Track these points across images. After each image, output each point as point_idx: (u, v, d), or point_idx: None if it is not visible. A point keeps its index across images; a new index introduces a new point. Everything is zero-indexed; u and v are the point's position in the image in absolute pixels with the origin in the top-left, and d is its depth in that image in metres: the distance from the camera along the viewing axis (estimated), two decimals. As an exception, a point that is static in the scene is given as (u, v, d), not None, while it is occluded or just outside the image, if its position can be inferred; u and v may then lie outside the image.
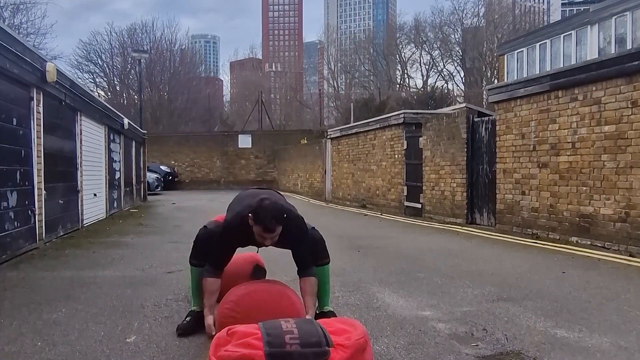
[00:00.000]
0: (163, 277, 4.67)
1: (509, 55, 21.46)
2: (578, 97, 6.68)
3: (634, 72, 5.86)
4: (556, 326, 3.17)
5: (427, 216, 10.52)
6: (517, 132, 7.82)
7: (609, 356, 2.67)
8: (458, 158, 9.43)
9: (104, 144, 10.75)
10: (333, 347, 1.63)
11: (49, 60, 6.87)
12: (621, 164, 6.05)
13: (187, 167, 25.99)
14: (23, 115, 6.13)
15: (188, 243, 6.72)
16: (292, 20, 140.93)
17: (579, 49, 17.73)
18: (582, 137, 6.62)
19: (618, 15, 16.25)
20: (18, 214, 5.83)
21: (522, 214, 7.72)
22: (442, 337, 2.99)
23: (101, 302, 3.77)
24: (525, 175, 7.65)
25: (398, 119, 11.73)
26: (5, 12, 21.45)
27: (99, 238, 7.51)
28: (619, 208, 6.07)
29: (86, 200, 9.03)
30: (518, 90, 7.79)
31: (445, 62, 42.55)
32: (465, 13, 43.09)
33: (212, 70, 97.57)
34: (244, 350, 1.61)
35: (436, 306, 3.66)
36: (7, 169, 5.59)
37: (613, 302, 3.74)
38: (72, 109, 8.34)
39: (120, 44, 37.80)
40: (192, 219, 10.17)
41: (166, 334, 3.04)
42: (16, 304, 3.70)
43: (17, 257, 5.65)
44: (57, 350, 2.78)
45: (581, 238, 6.59)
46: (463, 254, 6.00)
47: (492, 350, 2.77)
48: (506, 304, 3.68)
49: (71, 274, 4.84)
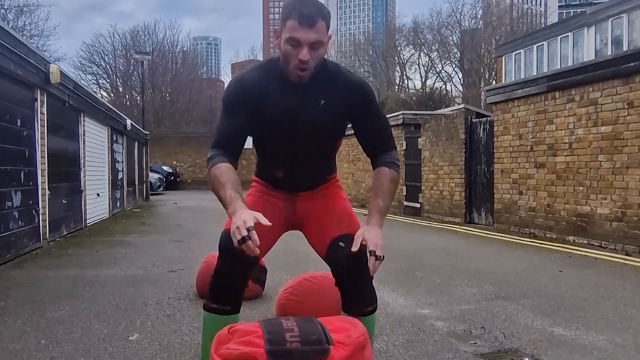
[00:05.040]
0: (165, 276, 4.70)
1: (506, 57, 21.48)
2: (575, 98, 6.73)
3: (630, 73, 5.91)
4: (553, 324, 3.19)
5: (426, 216, 10.56)
6: (514, 132, 7.87)
7: (606, 354, 2.69)
8: (456, 158, 9.48)
9: (107, 145, 10.80)
10: (333, 345, 1.67)
11: (52, 62, 6.92)
12: (617, 164, 6.10)
13: (188, 168, 26.01)
14: (27, 116, 6.17)
15: (190, 242, 6.86)
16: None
17: (576, 51, 17.77)
18: (578, 138, 6.67)
19: (614, 17, 16.28)
20: (22, 213, 5.87)
21: (519, 213, 7.77)
22: (441, 335, 3.01)
23: (104, 300, 3.79)
24: (523, 175, 7.69)
25: (397, 119, 11.78)
26: (9, 14, 21.49)
27: (102, 237, 7.54)
28: (615, 207, 6.12)
29: (89, 200, 9.08)
30: (515, 92, 7.84)
31: (443, 64, 42.50)
32: (463, 15, 43.04)
33: (213, 71, 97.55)
34: (245, 348, 1.65)
35: (435, 304, 3.69)
36: (11, 169, 5.64)
37: (609, 301, 3.78)
38: (76, 110, 8.40)
39: (123, 45, 37.78)
40: (193, 219, 10.23)
41: (168, 332, 3.06)
42: (20, 302, 3.73)
43: (21, 256, 5.69)
44: (60, 347, 2.79)
45: (578, 237, 6.64)
46: (461, 253, 6.04)
47: (490, 348, 2.79)
48: (504, 302, 3.71)
49: (74, 272, 4.87)
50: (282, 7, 1.81)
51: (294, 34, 1.71)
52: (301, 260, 5.07)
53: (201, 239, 7.03)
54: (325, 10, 1.76)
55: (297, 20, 1.70)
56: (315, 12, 1.71)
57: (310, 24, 1.70)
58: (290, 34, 1.72)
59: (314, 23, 1.71)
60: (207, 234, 7.23)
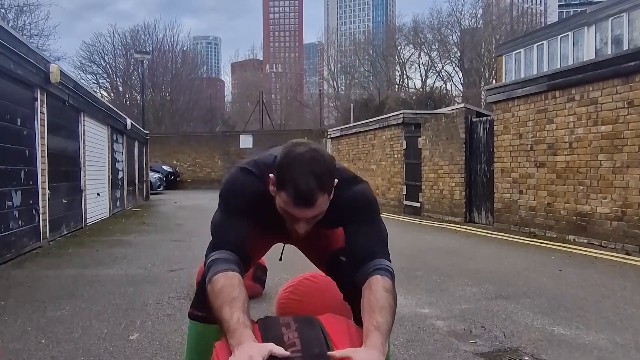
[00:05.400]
0: (165, 275, 4.70)
1: (506, 56, 21.48)
2: (575, 97, 6.73)
3: (630, 72, 5.91)
4: (553, 323, 3.20)
5: (426, 215, 10.57)
6: (514, 132, 7.87)
7: (606, 353, 2.70)
8: (456, 158, 9.48)
9: (107, 144, 10.80)
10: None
11: (52, 61, 6.92)
12: (617, 164, 6.10)
13: (189, 167, 26.01)
14: (27, 116, 6.17)
15: (190, 241, 6.87)
16: (292, 22, 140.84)
17: (576, 50, 17.77)
18: (579, 137, 6.67)
19: (614, 16, 16.29)
20: (22, 213, 5.88)
21: (519, 212, 7.77)
22: (441, 334, 3.02)
23: (104, 300, 3.80)
24: (523, 175, 7.70)
25: (397, 119, 11.79)
26: (9, 14, 21.50)
27: (102, 237, 7.55)
28: (615, 207, 6.12)
29: (89, 199, 9.08)
30: (516, 91, 7.84)
31: (443, 63, 42.52)
32: (463, 14, 43.06)
33: (213, 71, 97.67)
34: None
35: (435, 304, 3.69)
36: (11, 169, 5.64)
37: (610, 300, 3.78)
38: (76, 110, 8.40)
39: (123, 45, 37.81)
40: (193, 218, 10.22)
41: (168, 331, 3.06)
42: (20, 302, 3.74)
43: (22, 256, 5.69)
44: (60, 347, 2.79)
45: (578, 236, 6.64)
46: (461, 252, 6.05)
47: (490, 347, 2.80)
48: (504, 302, 3.71)
49: (75, 272, 4.87)
50: (277, 167, 1.46)
51: (289, 210, 1.46)
52: (301, 259, 5.07)
53: (201, 239, 7.02)
54: (326, 178, 1.44)
55: (292, 199, 1.43)
56: (314, 187, 1.41)
57: (309, 204, 1.43)
58: (284, 207, 1.47)
59: (312, 203, 1.43)
60: (207, 234, 7.11)
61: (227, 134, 27.93)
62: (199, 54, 53.38)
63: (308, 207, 1.43)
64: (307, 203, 1.42)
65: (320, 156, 1.44)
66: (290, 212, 1.46)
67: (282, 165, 1.44)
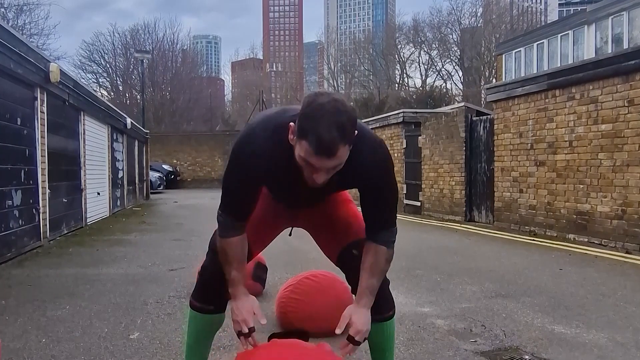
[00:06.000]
0: (165, 275, 4.71)
1: (506, 55, 21.48)
2: (575, 96, 6.73)
3: (630, 71, 5.91)
4: (554, 322, 3.20)
5: (426, 214, 10.57)
6: (514, 130, 7.87)
7: (606, 351, 2.70)
8: (457, 156, 9.48)
9: (107, 143, 10.80)
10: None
11: (52, 60, 6.92)
12: (618, 162, 6.10)
13: (189, 166, 26.03)
14: (27, 115, 6.17)
15: (190, 240, 6.87)
16: (292, 21, 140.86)
17: (576, 49, 17.77)
18: (579, 136, 6.67)
19: (615, 15, 16.28)
20: (23, 212, 5.88)
21: (519, 211, 7.78)
22: (441, 333, 3.02)
23: (105, 299, 3.80)
24: (523, 174, 7.70)
25: (397, 118, 11.79)
26: (9, 13, 21.48)
27: (103, 236, 7.55)
28: (615, 205, 6.12)
29: (90, 198, 9.09)
30: (516, 90, 7.83)
31: (443, 62, 42.56)
32: (463, 13, 43.16)
33: (213, 70, 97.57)
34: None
35: (435, 303, 3.70)
36: (11, 168, 5.65)
37: (610, 299, 3.78)
38: (76, 109, 8.40)
39: (123, 44, 37.79)
40: (193, 217, 10.24)
41: (169, 330, 3.07)
42: (21, 301, 3.74)
43: (22, 255, 5.70)
44: (61, 346, 2.80)
45: (578, 235, 6.64)
46: (462, 251, 6.05)
47: (490, 346, 2.80)
48: (504, 301, 3.72)
49: (75, 271, 4.88)
50: (299, 116, 1.47)
51: (309, 159, 1.46)
52: (302, 258, 5.08)
53: (201, 238, 7.02)
54: (348, 128, 1.44)
55: (313, 148, 1.42)
56: (337, 138, 1.41)
57: (330, 154, 1.43)
58: (304, 156, 1.46)
59: (334, 152, 1.43)
60: (207, 232, 7.14)
61: (227, 133, 27.91)
62: (199, 53, 53.40)
63: (329, 157, 1.44)
64: (329, 153, 1.43)
65: (343, 106, 1.45)
66: (310, 162, 1.46)
67: (304, 114, 1.45)
